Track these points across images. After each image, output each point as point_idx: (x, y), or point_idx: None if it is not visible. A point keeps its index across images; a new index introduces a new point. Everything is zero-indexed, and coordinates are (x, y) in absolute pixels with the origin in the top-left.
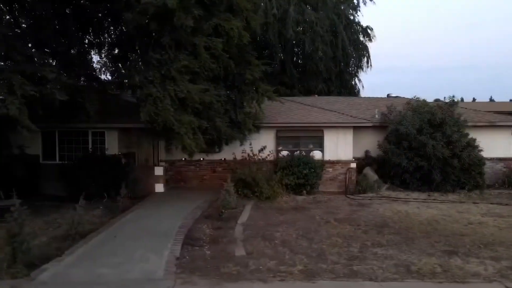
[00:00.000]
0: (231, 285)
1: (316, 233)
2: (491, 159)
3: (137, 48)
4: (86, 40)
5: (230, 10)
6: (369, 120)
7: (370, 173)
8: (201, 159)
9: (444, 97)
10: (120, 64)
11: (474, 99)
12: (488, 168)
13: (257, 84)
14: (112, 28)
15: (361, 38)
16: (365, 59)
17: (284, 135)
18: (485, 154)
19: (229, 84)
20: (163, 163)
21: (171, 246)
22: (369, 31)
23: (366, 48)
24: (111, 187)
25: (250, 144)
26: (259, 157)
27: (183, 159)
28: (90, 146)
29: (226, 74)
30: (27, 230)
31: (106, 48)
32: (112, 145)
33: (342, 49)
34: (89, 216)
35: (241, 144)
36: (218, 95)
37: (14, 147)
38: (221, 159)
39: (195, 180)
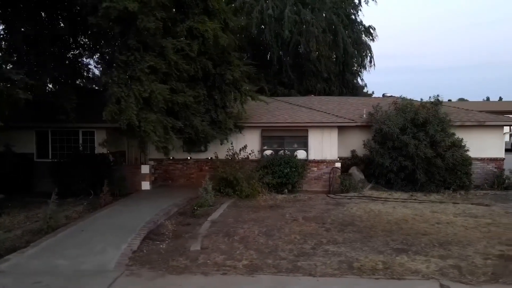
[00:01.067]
0: (173, 277)
1: (279, 230)
2: (482, 160)
3: (104, 50)
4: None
5: (207, 13)
6: (353, 120)
7: (356, 173)
8: (188, 158)
9: (430, 97)
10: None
11: (487, 98)
12: (478, 168)
13: (238, 84)
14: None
15: (364, 38)
16: (368, 58)
17: (269, 135)
18: (475, 154)
19: (209, 85)
20: (151, 162)
21: (131, 240)
22: (371, 30)
23: (368, 48)
24: (98, 185)
25: (232, 144)
26: (243, 156)
27: (171, 158)
28: (80, 145)
29: (205, 74)
30: None
31: (79, 51)
32: (101, 144)
33: (343, 48)
34: (71, 211)
35: (222, 143)
36: (196, 95)
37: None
38: (208, 158)
39: (183, 178)
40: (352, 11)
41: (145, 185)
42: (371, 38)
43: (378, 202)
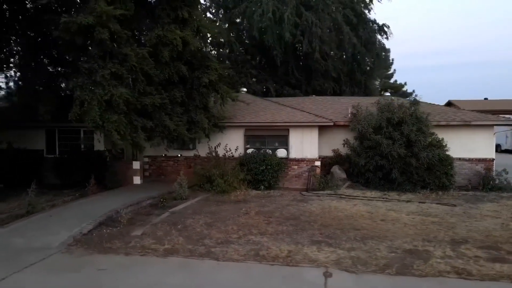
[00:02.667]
0: (99, 256)
1: (224, 222)
2: (470, 160)
3: (70, 59)
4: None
5: (181, 21)
6: (330, 120)
7: (338, 172)
8: (179, 155)
9: (409, 97)
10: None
11: None
12: (466, 169)
13: (217, 86)
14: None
15: (379, 37)
16: (383, 57)
17: (252, 134)
18: (463, 154)
19: (189, 87)
20: (146, 159)
21: (86, 225)
22: (385, 28)
23: (383, 47)
24: (94, 177)
25: (208, 142)
26: (229, 155)
27: (163, 155)
28: (81, 142)
29: (182, 78)
30: None
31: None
32: (100, 142)
33: (352, 48)
34: (59, 201)
35: (199, 142)
36: (173, 97)
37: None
38: (195, 156)
39: (174, 174)
40: (363, 10)
41: (136, 180)
42: (385, 36)
43: (345, 200)
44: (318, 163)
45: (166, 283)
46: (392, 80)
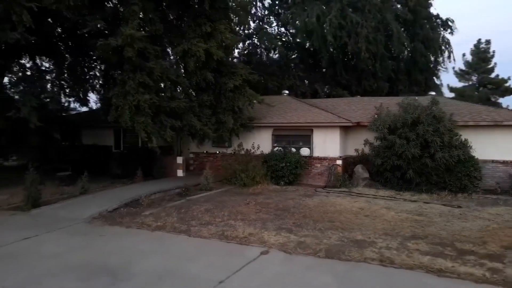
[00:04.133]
0: (108, 227)
1: (221, 209)
2: (505, 162)
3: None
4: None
5: (205, 35)
6: (349, 120)
7: (360, 171)
8: (217, 152)
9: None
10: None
11: None
12: (500, 172)
13: (243, 90)
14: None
15: (441, 32)
16: (446, 54)
17: (279, 133)
18: (497, 156)
19: (217, 92)
20: (191, 155)
21: (114, 205)
22: (449, 23)
23: (447, 43)
24: (144, 170)
25: (231, 141)
26: (260, 152)
27: (205, 152)
28: (140, 140)
29: (209, 83)
30: (37, 187)
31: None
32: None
33: (404, 46)
34: (111, 187)
35: (225, 141)
36: (202, 100)
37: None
38: (231, 153)
39: (212, 169)
40: (420, 6)
41: (179, 172)
42: (449, 31)
43: (351, 197)
44: (339, 162)
45: (136, 247)
46: (493, 75)
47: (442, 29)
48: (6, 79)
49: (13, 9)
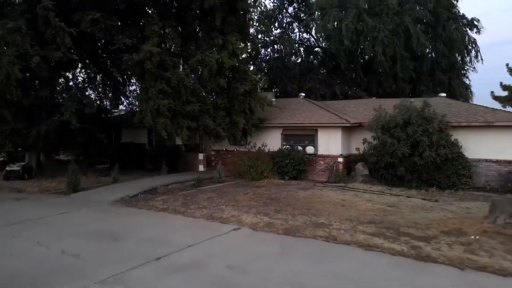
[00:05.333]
0: (125, 207)
1: (222, 198)
2: (497, 162)
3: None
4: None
5: (217, 46)
6: (347, 121)
7: (360, 168)
8: (235, 150)
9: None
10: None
11: None
12: (493, 170)
13: (253, 94)
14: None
15: (469, 31)
16: (473, 53)
17: (288, 133)
18: (490, 155)
19: (230, 96)
20: (212, 152)
21: (134, 192)
22: (475, 22)
23: (473, 42)
24: (170, 164)
25: (253, 140)
26: (270, 150)
27: (224, 149)
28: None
29: (223, 88)
30: (77, 176)
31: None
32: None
33: (424, 47)
34: (140, 178)
35: (236, 140)
36: (216, 104)
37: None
38: (246, 150)
39: (230, 164)
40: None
41: (200, 167)
42: (476, 31)
43: (343, 190)
44: (340, 160)
45: (139, 222)
46: None
47: (468, 29)
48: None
49: (58, 33)
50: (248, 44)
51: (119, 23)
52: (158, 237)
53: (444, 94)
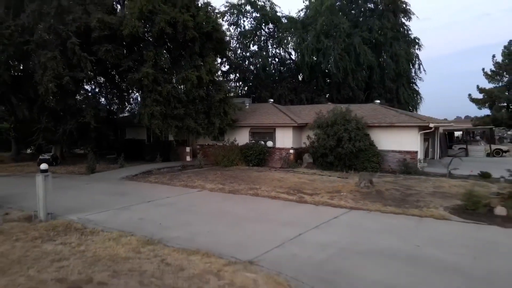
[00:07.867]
0: (128, 181)
1: (197, 176)
2: (400, 152)
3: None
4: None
5: (197, 66)
6: (294, 121)
7: (306, 157)
8: (215, 144)
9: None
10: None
11: None
12: (397, 158)
13: (226, 101)
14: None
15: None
16: (417, 66)
17: (254, 131)
18: (395, 147)
19: (209, 102)
20: (198, 146)
21: (135, 172)
22: (417, 40)
23: (416, 56)
24: (164, 156)
25: (229, 137)
26: (237, 144)
27: (206, 144)
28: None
29: (202, 98)
30: (94, 162)
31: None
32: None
33: (375, 61)
34: (139, 165)
35: (210, 137)
36: (197, 109)
37: (128, 136)
38: (222, 145)
39: (212, 156)
40: (386, 30)
41: (187, 158)
42: (417, 47)
43: (286, 172)
44: (292, 151)
45: (137, 188)
46: None
47: (412, 45)
48: (77, 97)
49: (81, 60)
50: (225, 60)
51: (125, 51)
52: (149, 194)
53: (378, 101)
